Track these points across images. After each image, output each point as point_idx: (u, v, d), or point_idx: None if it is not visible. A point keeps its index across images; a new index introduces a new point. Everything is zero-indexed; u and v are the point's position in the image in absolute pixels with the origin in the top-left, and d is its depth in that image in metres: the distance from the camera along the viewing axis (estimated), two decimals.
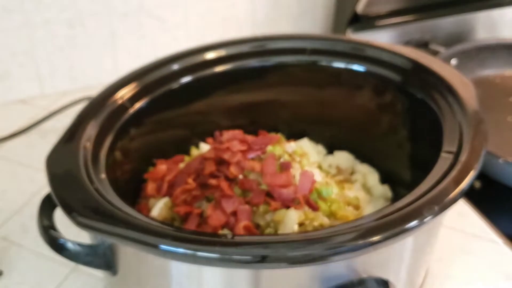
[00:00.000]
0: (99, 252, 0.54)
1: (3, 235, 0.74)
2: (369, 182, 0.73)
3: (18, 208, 0.79)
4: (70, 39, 0.99)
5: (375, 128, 0.72)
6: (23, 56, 0.98)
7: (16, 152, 0.89)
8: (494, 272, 0.69)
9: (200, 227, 0.61)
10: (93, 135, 0.60)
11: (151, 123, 0.69)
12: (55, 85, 1.02)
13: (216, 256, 0.46)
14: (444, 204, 0.50)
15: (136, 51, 1.05)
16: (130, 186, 0.67)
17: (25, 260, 0.71)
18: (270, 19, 1.12)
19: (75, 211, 0.49)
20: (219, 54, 0.73)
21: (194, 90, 0.71)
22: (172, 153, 0.73)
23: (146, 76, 0.68)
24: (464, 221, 0.76)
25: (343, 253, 0.47)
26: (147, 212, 0.65)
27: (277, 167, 0.64)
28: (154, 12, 1.02)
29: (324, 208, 0.62)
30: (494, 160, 0.80)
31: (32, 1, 0.94)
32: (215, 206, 0.61)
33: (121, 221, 0.49)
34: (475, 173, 0.53)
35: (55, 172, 0.54)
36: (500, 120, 0.94)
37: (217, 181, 0.63)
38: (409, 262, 0.57)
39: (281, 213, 0.60)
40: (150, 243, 0.47)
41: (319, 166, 0.73)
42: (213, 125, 0.76)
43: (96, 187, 0.53)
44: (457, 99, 0.62)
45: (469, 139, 0.57)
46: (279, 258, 0.46)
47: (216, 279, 0.51)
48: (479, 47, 1.03)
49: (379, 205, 0.69)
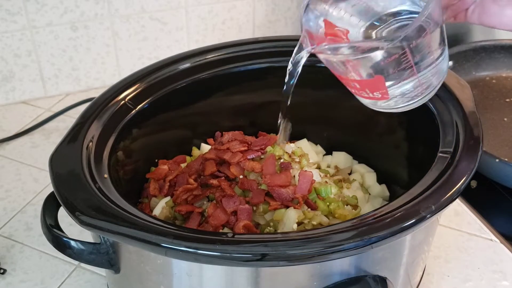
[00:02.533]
0: (102, 251, 0.55)
1: (7, 233, 0.75)
2: (367, 181, 0.74)
3: (22, 207, 0.80)
4: (73, 41, 1.00)
5: (373, 128, 0.73)
6: (27, 58, 0.99)
7: (20, 152, 0.90)
8: (490, 270, 0.70)
9: (201, 226, 0.62)
10: (96, 135, 0.61)
11: (153, 124, 0.70)
12: (58, 86, 1.03)
13: (217, 254, 0.47)
14: (441, 204, 0.51)
15: (138, 53, 1.06)
16: (133, 185, 0.68)
17: (29, 259, 0.72)
18: (269, 22, 1.13)
19: (78, 210, 0.50)
20: (220, 56, 0.73)
21: (195, 91, 0.72)
22: (173, 153, 0.74)
23: (148, 78, 0.69)
24: (461, 220, 0.77)
25: (342, 252, 0.48)
26: (149, 211, 0.66)
27: (277, 167, 0.65)
28: (155, 14, 1.03)
29: (323, 207, 0.63)
30: (491, 160, 0.81)
31: (35, 4, 0.95)
32: (216, 206, 0.62)
33: (123, 220, 0.49)
34: (472, 173, 0.54)
35: (58, 171, 0.55)
36: (496, 121, 0.95)
37: (218, 181, 0.64)
38: (406, 260, 0.57)
39: (281, 212, 0.61)
40: (152, 242, 0.47)
41: (318, 166, 0.73)
42: (214, 126, 0.76)
43: (99, 186, 0.54)
44: (454, 100, 0.62)
45: (465, 139, 0.57)
46: (278, 256, 0.47)
47: (216, 277, 0.52)
48: (476, 49, 1.04)
49: (376, 204, 0.70)
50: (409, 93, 0.54)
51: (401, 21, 0.55)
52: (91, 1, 0.98)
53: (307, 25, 0.57)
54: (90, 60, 1.03)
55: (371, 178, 0.74)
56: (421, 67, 0.52)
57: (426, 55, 0.51)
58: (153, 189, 0.67)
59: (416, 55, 0.51)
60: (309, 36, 0.56)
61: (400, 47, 0.50)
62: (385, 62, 0.51)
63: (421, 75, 0.53)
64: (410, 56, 0.50)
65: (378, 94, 0.55)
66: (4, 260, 0.71)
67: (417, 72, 0.52)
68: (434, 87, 0.56)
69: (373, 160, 0.76)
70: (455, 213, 0.78)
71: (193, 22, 1.06)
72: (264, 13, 1.11)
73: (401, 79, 0.53)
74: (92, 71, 1.04)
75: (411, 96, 0.55)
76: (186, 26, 1.06)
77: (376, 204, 0.70)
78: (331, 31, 0.56)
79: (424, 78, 0.53)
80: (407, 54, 0.50)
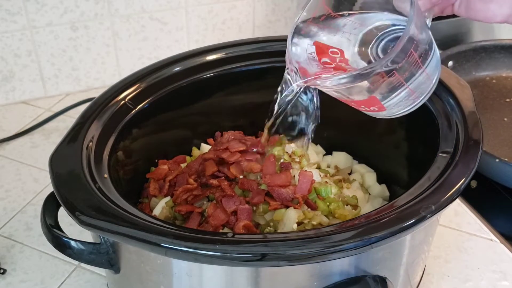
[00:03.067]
0: (102, 251, 0.55)
1: (7, 233, 0.75)
2: (367, 181, 0.74)
3: (22, 207, 0.80)
4: (73, 41, 1.00)
5: (373, 128, 0.73)
6: (27, 58, 0.99)
7: (20, 152, 0.90)
8: (490, 270, 0.70)
9: (201, 226, 0.62)
10: (96, 135, 0.61)
11: (153, 124, 0.70)
12: (58, 86, 1.03)
13: (217, 254, 0.47)
14: (441, 204, 0.51)
15: (138, 53, 1.06)
16: (133, 185, 0.68)
17: (29, 259, 0.72)
18: (269, 22, 1.13)
19: (78, 210, 0.50)
20: (219, 56, 0.73)
21: (195, 91, 0.72)
22: (173, 153, 0.74)
23: (148, 78, 0.69)
24: (461, 220, 0.77)
25: (342, 252, 0.48)
26: (149, 211, 0.66)
27: (277, 167, 0.65)
28: (155, 14, 1.03)
29: (323, 207, 0.63)
30: (491, 160, 0.81)
31: (35, 4, 0.95)
32: (216, 206, 0.62)
33: (123, 220, 0.49)
34: (472, 173, 0.54)
35: (58, 171, 0.55)
36: (496, 121, 0.95)
37: (218, 181, 0.64)
38: (406, 260, 0.57)
39: (281, 212, 0.61)
40: (152, 242, 0.47)
41: (318, 166, 0.73)
42: (214, 126, 0.76)
43: (99, 186, 0.54)
44: (454, 100, 0.63)
45: (465, 139, 0.57)
46: (278, 256, 0.47)
47: (216, 277, 0.52)
48: (476, 49, 1.04)
49: (376, 204, 0.70)
50: (405, 101, 0.55)
51: (393, 32, 0.55)
52: (91, 1, 0.98)
53: (294, 55, 0.56)
54: (90, 60, 1.03)
55: (371, 178, 0.74)
56: (411, 79, 0.52)
57: (414, 68, 0.52)
58: (153, 189, 0.67)
59: (405, 72, 0.51)
60: (301, 71, 0.55)
61: (387, 71, 0.50)
62: (376, 85, 0.52)
63: (413, 86, 0.53)
64: (398, 76, 0.51)
65: (375, 108, 0.55)
66: (4, 260, 0.71)
67: (409, 85, 0.52)
68: (431, 87, 0.55)
69: (373, 160, 0.76)
70: (455, 213, 0.78)
71: (193, 22, 1.07)
72: (264, 13, 1.11)
73: (394, 94, 0.53)
74: (92, 71, 1.04)
75: (409, 104, 0.55)
76: (186, 26, 1.06)
77: (376, 204, 0.70)
78: (325, 55, 0.55)
79: (417, 88, 0.54)
80: (396, 75, 0.51)
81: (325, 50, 0.56)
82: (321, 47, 0.56)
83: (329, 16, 0.56)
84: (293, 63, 0.56)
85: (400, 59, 0.49)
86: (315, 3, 0.55)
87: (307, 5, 0.55)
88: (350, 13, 0.56)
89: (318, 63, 0.55)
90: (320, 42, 0.56)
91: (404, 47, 0.48)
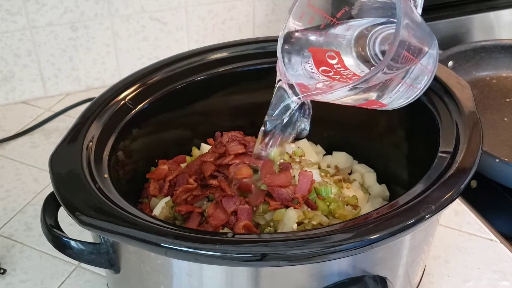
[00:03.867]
0: (102, 251, 0.55)
1: (7, 234, 0.75)
2: (367, 181, 0.74)
3: (22, 207, 0.80)
4: (73, 41, 1.00)
5: (373, 128, 0.73)
6: (27, 58, 0.99)
7: (20, 152, 0.90)
8: (490, 270, 0.70)
9: (201, 226, 0.62)
10: (96, 135, 0.61)
11: (153, 124, 0.70)
12: (58, 86, 1.03)
13: (217, 254, 0.47)
14: (441, 204, 0.51)
15: (138, 53, 1.06)
16: (133, 185, 0.68)
17: (29, 259, 0.72)
18: (269, 22, 1.13)
19: (78, 210, 0.50)
20: (220, 56, 0.73)
21: (195, 91, 0.72)
22: (173, 153, 0.74)
23: (148, 78, 0.69)
24: (461, 219, 0.77)
25: (342, 252, 0.48)
26: (149, 211, 0.66)
27: (276, 167, 0.65)
28: (155, 14, 1.03)
29: (323, 207, 0.63)
30: (491, 160, 0.81)
31: (35, 4, 0.95)
32: (216, 206, 0.62)
33: (123, 220, 0.49)
34: (472, 173, 0.54)
35: (58, 172, 0.55)
36: (496, 121, 0.95)
37: (218, 181, 0.64)
38: (406, 260, 0.57)
39: (281, 212, 0.61)
40: (152, 242, 0.47)
41: (318, 166, 0.73)
42: (214, 126, 0.76)
43: (99, 186, 0.54)
44: (454, 100, 0.63)
45: (465, 139, 0.57)
46: (278, 256, 0.47)
47: (216, 277, 0.52)
48: (476, 49, 1.04)
49: (377, 204, 0.70)
50: (406, 93, 0.54)
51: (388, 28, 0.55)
52: (91, 1, 0.98)
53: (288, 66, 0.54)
54: (90, 60, 1.03)
55: (371, 178, 0.74)
56: (407, 76, 0.52)
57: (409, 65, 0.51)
58: (153, 189, 0.67)
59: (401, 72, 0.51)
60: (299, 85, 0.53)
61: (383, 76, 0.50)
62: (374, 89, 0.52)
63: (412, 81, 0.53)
64: (395, 78, 0.51)
65: (376, 107, 0.55)
66: (4, 260, 0.71)
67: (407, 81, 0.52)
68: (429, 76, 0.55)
69: (373, 160, 0.76)
70: (455, 213, 0.78)
71: (193, 22, 1.07)
72: (264, 13, 1.11)
73: (393, 91, 0.53)
74: (92, 71, 1.04)
75: (409, 95, 0.55)
76: (186, 26, 1.07)
77: (376, 204, 0.70)
78: (323, 63, 0.54)
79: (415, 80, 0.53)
80: (392, 79, 0.50)
81: (322, 55, 0.55)
82: (317, 52, 0.55)
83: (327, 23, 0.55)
84: (287, 77, 0.54)
85: (395, 62, 0.49)
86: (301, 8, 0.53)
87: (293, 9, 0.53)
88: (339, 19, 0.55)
89: (317, 72, 0.54)
90: (315, 48, 0.55)
91: (396, 53, 0.48)
